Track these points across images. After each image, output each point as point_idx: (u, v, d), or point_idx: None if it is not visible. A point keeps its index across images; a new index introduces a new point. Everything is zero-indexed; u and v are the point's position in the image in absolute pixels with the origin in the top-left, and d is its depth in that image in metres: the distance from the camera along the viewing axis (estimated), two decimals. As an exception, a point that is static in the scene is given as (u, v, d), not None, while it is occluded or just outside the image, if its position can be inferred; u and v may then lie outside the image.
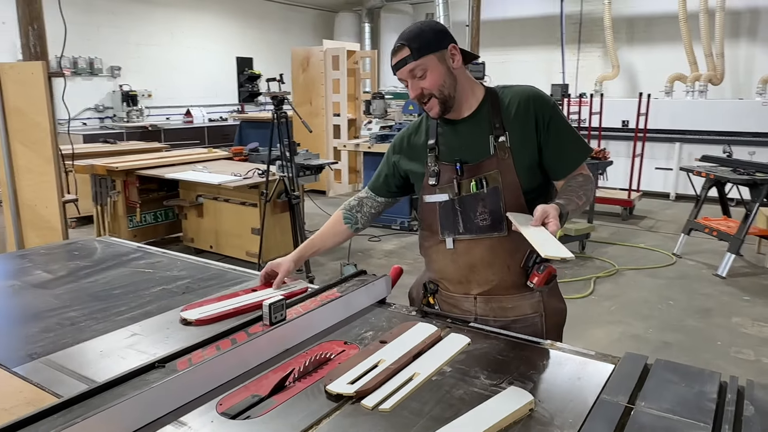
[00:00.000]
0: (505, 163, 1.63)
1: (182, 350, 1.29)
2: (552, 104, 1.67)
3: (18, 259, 2.31)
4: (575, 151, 1.69)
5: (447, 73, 1.62)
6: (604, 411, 1.17)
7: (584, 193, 1.63)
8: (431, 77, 1.60)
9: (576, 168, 1.69)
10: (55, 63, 8.76)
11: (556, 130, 1.65)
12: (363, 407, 1.18)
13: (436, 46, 1.60)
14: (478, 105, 1.69)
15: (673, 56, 9.50)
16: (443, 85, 1.61)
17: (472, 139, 1.68)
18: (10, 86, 3.01)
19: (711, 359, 3.57)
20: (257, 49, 11.78)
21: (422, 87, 1.61)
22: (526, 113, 1.65)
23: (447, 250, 1.72)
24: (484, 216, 1.65)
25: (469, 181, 1.65)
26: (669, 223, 7.00)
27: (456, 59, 1.63)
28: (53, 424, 1.02)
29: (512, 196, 1.63)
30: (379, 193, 1.91)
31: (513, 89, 1.71)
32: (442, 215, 1.71)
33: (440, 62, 1.61)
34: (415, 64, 1.59)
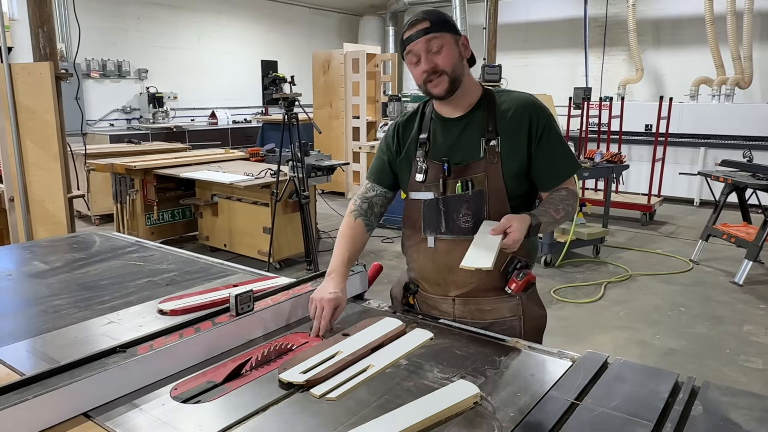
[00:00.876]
0: (493, 167, 1.63)
1: (145, 336, 1.34)
2: (548, 115, 1.68)
3: (21, 250, 2.41)
4: (564, 165, 1.70)
5: (459, 57, 1.62)
6: (549, 406, 1.18)
7: (564, 207, 1.65)
8: (447, 54, 1.59)
9: (563, 182, 1.69)
10: (84, 65, 9.07)
11: (548, 142, 1.65)
12: (311, 395, 1.21)
13: (453, 28, 1.63)
14: (473, 105, 1.69)
15: (699, 59, 9.30)
16: (457, 65, 1.61)
17: (463, 139, 1.68)
18: (20, 86, 3.14)
19: (717, 367, 3.49)
20: (282, 52, 11.95)
21: (436, 62, 1.59)
22: (520, 121, 1.64)
23: (428, 248, 1.72)
24: (467, 218, 1.65)
25: (455, 181, 1.65)
26: (690, 229, 6.85)
27: (467, 51, 1.65)
28: (8, 399, 1.07)
29: (497, 201, 1.63)
30: (384, 182, 1.84)
31: (511, 95, 1.70)
32: (426, 213, 1.70)
33: (455, 44, 1.62)
34: (434, 36, 1.58)
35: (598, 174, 6.14)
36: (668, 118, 7.40)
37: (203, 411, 1.16)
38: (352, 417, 1.13)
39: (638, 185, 8.10)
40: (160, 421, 1.12)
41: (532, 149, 1.64)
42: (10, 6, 8.01)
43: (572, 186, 1.73)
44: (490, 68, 7.33)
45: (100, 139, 8.45)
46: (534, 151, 1.65)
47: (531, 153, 1.64)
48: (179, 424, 1.10)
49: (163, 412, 1.15)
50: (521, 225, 1.50)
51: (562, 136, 1.71)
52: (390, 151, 1.82)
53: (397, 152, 1.80)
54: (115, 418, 1.12)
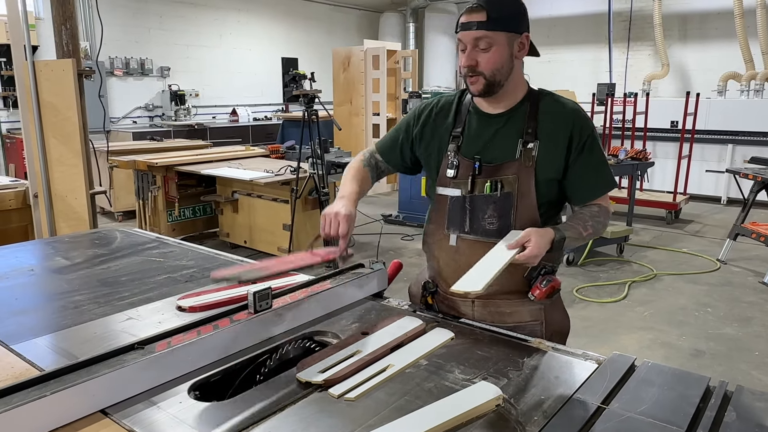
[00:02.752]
0: (526, 170, 1.57)
1: (163, 333, 1.33)
2: (592, 128, 1.62)
3: (44, 245, 2.43)
4: (600, 181, 1.64)
5: (508, 58, 1.53)
6: (574, 410, 1.14)
7: (593, 225, 1.59)
8: (493, 55, 1.51)
9: (595, 197, 1.64)
10: (108, 63, 9.19)
11: (590, 155, 1.59)
12: (329, 395, 1.19)
13: (513, 25, 1.51)
14: (516, 104, 1.62)
15: (727, 54, 9.09)
16: (499, 69, 1.52)
17: (499, 138, 1.62)
18: (44, 83, 3.18)
19: (747, 369, 3.40)
20: (302, 49, 11.97)
21: (478, 60, 1.52)
22: (563, 128, 1.58)
23: (449, 246, 1.68)
24: (492, 220, 1.59)
25: (484, 181, 1.60)
26: (717, 227, 6.70)
27: (523, 50, 1.56)
28: (27, 395, 1.07)
29: (525, 206, 1.58)
30: (391, 161, 1.82)
31: (557, 98, 1.63)
32: (451, 210, 1.66)
33: (508, 44, 1.52)
34: (485, 34, 1.49)
35: (622, 171, 6.03)
36: (695, 114, 7.25)
37: (220, 410, 1.14)
38: (371, 418, 1.10)
39: (663, 183, 7.95)
40: (178, 419, 1.10)
41: (571, 160, 1.58)
42: (36, 5, 8.14)
43: (606, 203, 1.66)
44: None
45: (123, 137, 8.55)
46: (572, 162, 1.59)
47: (568, 163, 1.58)
48: (197, 423, 1.09)
49: (181, 410, 1.14)
50: (541, 240, 1.44)
51: (603, 152, 1.65)
52: (408, 133, 1.77)
53: (418, 138, 1.73)
54: (132, 416, 1.11)
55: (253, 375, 1.33)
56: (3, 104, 8.23)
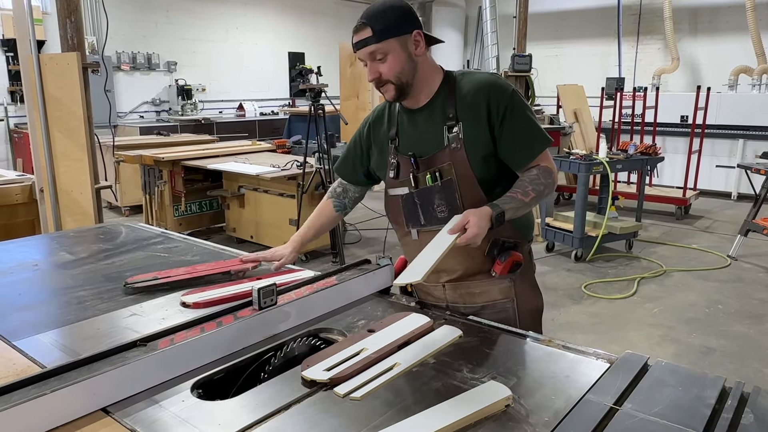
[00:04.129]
0: (457, 154, 1.59)
1: (166, 330, 1.31)
2: (510, 93, 1.60)
3: (49, 240, 2.42)
4: (531, 141, 1.61)
5: (407, 59, 1.56)
6: (586, 411, 1.11)
7: (534, 188, 1.57)
8: (391, 63, 1.54)
9: (532, 159, 1.61)
10: (115, 58, 9.19)
11: (511, 119, 1.58)
12: (335, 394, 1.16)
13: (399, 30, 1.54)
14: (434, 93, 1.64)
15: (738, 47, 8.97)
16: (402, 72, 1.56)
17: (427, 130, 1.65)
18: (48, 76, 3.17)
19: (758, 368, 3.35)
20: (309, 44, 11.92)
21: (380, 71, 1.56)
22: (479, 102, 1.59)
23: (413, 241, 1.73)
24: (442, 208, 1.63)
25: (424, 174, 1.64)
26: (727, 223, 6.63)
27: (419, 46, 1.57)
28: (27, 393, 1.05)
29: (467, 188, 1.60)
30: (351, 180, 1.90)
31: (472, 76, 1.65)
32: (405, 208, 1.71)
33: (402, 48, 1.54)
34: (376, 48, 1.53)
35: (631, 166, 5.97)
36: (705, 108, 7.16)
37: (224, 409, 1.12)
38: (377, 418, 1.08)
39: (673, 178, 7.87)
40: (180, 418, 1.08)
41: (495, 132, 1.59)
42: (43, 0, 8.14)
43: (546, 162, 1.64)
44: (520, 58, 7.17)
45: (130, 131, 8.56)
46: (497, 133, 1.59)
47: (494, 136, 1.59)
48: (199, 422, 1.07)
49: (183, 408, 1.11)
50: (479, 219, 1.44)
51: (529, 112, 1.63)
52: (357, 149, 1.83)
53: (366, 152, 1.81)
54: (134, 415, 1.09)
55: (257, 373, 1.31)
56: (11, 99, 8.25)
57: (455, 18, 12.58)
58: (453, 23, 12.63)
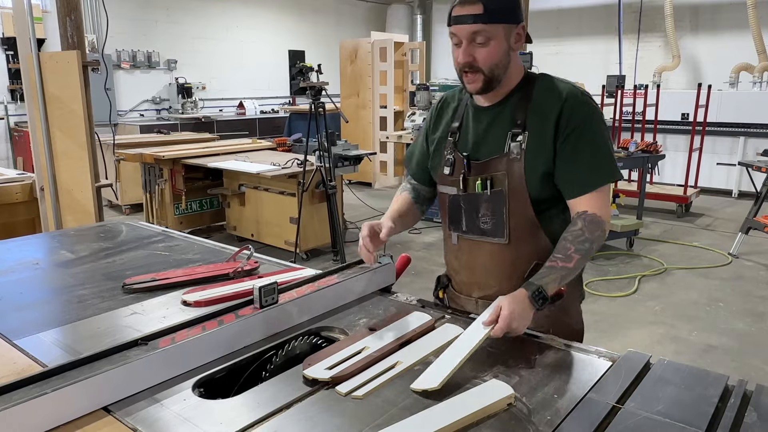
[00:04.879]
0: (515, 165, 1.46)
1: (167, 329, 1.31)
2: (589, 111, 1.45)
3: (49, 239, 2.42)
4: (591, 171, 1.44)
5: (506, 51, 1.43)
6: (588, 410, 1.10)
7: (579, 248, 1.39)
8: (491, 50, 1.40)
9: (584, 192, 1.44)
10: (115, 56, 9.18)
11: (578, 140, 1.43)
12: (336, 393, 1.16)
13: (511, 17, 1.41)
14: (508, 93, 1.51)
15: (739, 45, 8.96)
16: (498, 63, 1.42)
17: (490, 132, 1.53)
18: (48, 75, 3.16)
19: (760, 365, 3.35)
20: (309, 42, 11.91)
21: (475, 57, 1.41)
22: (551, 112, 1.44)
23: (452, 245, 1.65)
24: (486, 219, 1.52)
25: (475, 178, 1.52)
26: (728, 221, 6.62)
27: (520, 41, 1.45)
28: (29, 392, 1.05)
29: (517, 203, 1.48)
30: (421, 181, 1.74)
31: (552, 83, 1.50)
32: (450, 209, 1.61)
33: (505, 37, 1.41)
34: (482, 28, 1.38)
35: (632, 164, 5.96)
36: (706, 106, 7.15)
37: (225, 407, 1.12)
38: (379, 417, 1.07)
39: (674, 176, 7.86)
40: (182, 417, 1.08)
41: (558, 147, 1.44)
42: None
43: (597, 207, 1.43)
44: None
45: (131, 130, 8.55)
46: (559, 150, 1.44)
47: (556, 151, 1.44)
48: (200, 421, 1.07)
49: (185, 408, 1.11)
50: (515, 306, 1.29)
51: (603, 140, 1.46)
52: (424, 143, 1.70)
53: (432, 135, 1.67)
54: (135, 414, 1.09)
55: (258, 371, 1.31)
56: (11, 97, 8.24)
57: (456, 16, 12.55)
58: (453, 21, 12.60)
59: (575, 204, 1.46)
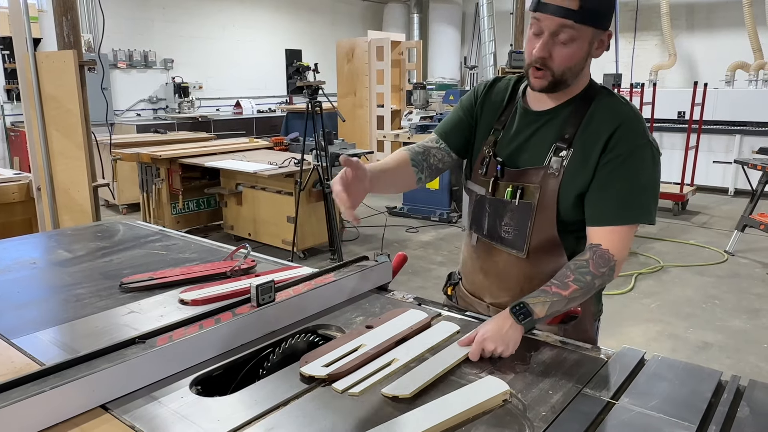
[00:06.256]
0: (551, 181, 1.38)
1: (164, 327, 1.31)
2: (641, 141, 1.34)
3: (46, 238, 2.42)
4: (620, 206, 1.33)
5: (584, 57, 1.33)
6: (583, 405, 1.11)
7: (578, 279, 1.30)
8: (571, 52, 1.30)
9: (606, 224, 1.34)
10: (111, 55, 9.16)
11: (618, 169, 1.32)
12: (333, 390, 1.17)
13: (602, 22, 1.30)
14: (565, 102, 1.41)
15: (735, 43, 9.00)
16: (573, 68, 1.33)
17: (534, 139, 1.44)
18: (45, 74, 3.16)
19: (755, 362, 3.37)
20: (306, 41, 11.91)
21: (552, 54, 1.30)
22: (602, 133, 1.34)
23: (470, 245, 1.61)
24: (508, 228, 1.45)
25: (506, 184, 1.44)
26: (724, 219, 6.65)
27: (602, 48, 1.34)
28: (26, 391, 1.05)
29: (545, 221, 1.40)
30: (452, 142, 1.56)
31: (611, 100, 1.40)
32: (475, 208, 1.55)
33: (590, 42, 1.31)
34: (571, 25, 1.26)
35: (628, 162, 5.97)
36: (702, 104, 7.17)
37: (223, 405, 1.12)
38: (376, 414, 1.08)
39: (670, 174, 7.85)
40: (179, 414, 1.09)
41: (597, 170, 1.34)
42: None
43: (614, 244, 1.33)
44: (517, 54, 7.18)
45: (127, 129, 8.55)
46: (597, 173, 1.34)
47: (594, 174, 1.35)
48: (198, 419, 1.07)
49: (182, 405, 1.12)
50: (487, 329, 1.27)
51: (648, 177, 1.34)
52: (469, 111, 1.56)
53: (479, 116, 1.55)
54: (133, 411, 1.09)
55: (256, 369, 1.31)
56: (7, 97, 8.23)
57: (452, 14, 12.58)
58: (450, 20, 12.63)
59: (593, 233, 1.37)
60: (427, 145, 1.57)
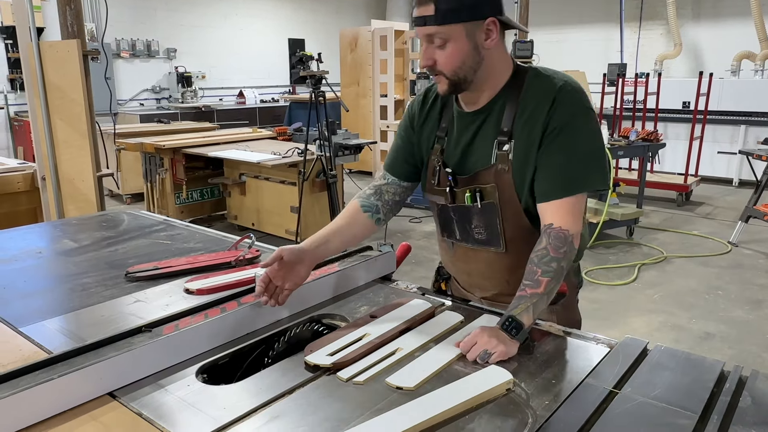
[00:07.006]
0: (503, 177, 1.37)
1: (171, 316, 1.32)
2: (579, 110, 1.33)
3: (51, 228, 2.44)
4: (562, 178, 1.31)
5: (472, 51, 1.30)
6: (586, 394, 1.12)
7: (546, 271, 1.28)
8: (450, 53, 1.29)
9: (551, 198, 1.32)
10: (114, 45, 9.14)
11: (555, 142, 1.31)
12: (338, 379, 1.18)
13: (469, 14, 1.27)
14: (495, 96, 1.38)
15: (741, 32, 8.92)
16: (461, 66, 1.31)
17: (477, 141, 1.42)
18: (49, 64, 3.16)
19: (757, 352, 3.38)
20: (309, 30, 11.86)
21: (435, 59, 1.31)
22: (539, 116, 1.32)
23: (448, 250, 1.62)
24: (480, 230, 1.46)
25: (463, 191, 1.43)
26: (728, 210, 6.63)
27: (491, 37, 1.30)
28: (35, 378, 1.07)
29: (511, 215, 1.41)
30: (401, 175, 1.57)
31: (543, 80, 1.36)
32: (441, 217, 1.56)
33: (468, 37, 1.28)
34: (436, 30, 1.27)
35: (633, 153, 5.96)
36: (707, 94, 7.13)
37: (229, 393, 1.14)
38: (380, 402, 1.09)
39: (674, 164, 7.86)
40: (186, 402, 1.10)
41: (541, 150, 1.33)
42: (41, -14, 8.09)
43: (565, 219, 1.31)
44: (522, 44, 7.14)
45: (131, 119, 8.55)
46: (541, 152, 1.33)
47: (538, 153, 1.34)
48: (204, 406, 1.08)
49: (189, 393, 1.13)
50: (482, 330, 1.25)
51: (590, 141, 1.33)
52: (408, 134, 1.56)
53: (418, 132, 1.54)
54: (140, 399, 1.11)
55: (261, 358, 1.32)
56: (10, 87, 8.23)
57: (456, 3, 12.47)
58: (454, 9, 12.52)
59: (543, 211, 1.35)
60: (377, 183, 1.59)
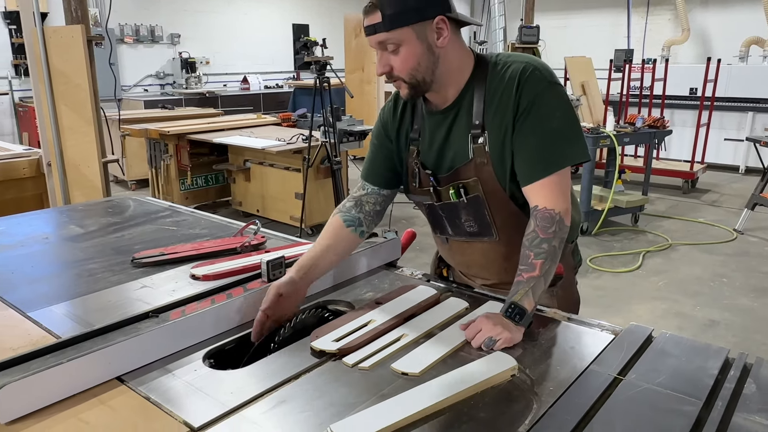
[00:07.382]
0: (484, 170, 1.37)
1: (177, 302, 1.33)
2: (543, 87, 1.31)
3: (58, 214, 2.44)
4: (541, 157, 1.31)
5: (425, 52, 1.30)
6: (590, 381, 1.13)
7: (538, 254, 1.27)
8: (404, 56, 1.29)
9: (533, 180, 1.32)
10: (118, 30, 9.11)
11: (526, 123, 1.31)
12: (343, 364, 1.18)
13: (416, 16, 1.26)
14: (461, 91, 1.38)
15: (750, 18, 8.81)
16: (417, 68, 1.30)
17: (452, 138, 1.41)
18: (53, 49, 3.15)
19: (761, 340, 3.38)
20: (313, 15, 11.77)
21: (391, 65, 1.31)
22: (507, 101, 1.32)
23: (443, 245, 1.65)
24: (470, 223, 1.46)
25: (447, 188, 1.43)
26: (734, 197, 6.60)
27: (443, 35, 1.30)
28: (45, 362, 1.08)
29: (498, 204, 1.41)
30: (380, 183, 1.54)
31: (505, 67, 1.35)
32: (430, 215, 1.57)
33: (419, 38, 1.28)
34: (386, 37, 1.27)
35: (639, 140, 5.93)
36: (715, 81, 7.07)
37: (235, 377, 1.15)
38: (385, 388, 1.10)
39: (681, 151, 7.81)
40: (193, 386, 1.11)
41: (515, 132, 1.32)
42: (44, -29, 8.05)
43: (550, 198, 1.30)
44: (528, 29, 7.08)
45: (135, 105, 8.54)
46: (515, 134, 1.32)
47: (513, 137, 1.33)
48: (211, 391, 1.09)
49: (196, 377, 1.14)
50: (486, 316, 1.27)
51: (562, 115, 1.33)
52: (381, 141, 1.54)
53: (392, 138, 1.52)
54: (148, 383, 1.12)
55: (267, 343, 1.33)
56: (15, 72, 8.22)
57: (462, -12, 12.37)
58: (459, -6, 12.42)
59: (528, 193, 1.35)
60: (357, 195, 1.56)
